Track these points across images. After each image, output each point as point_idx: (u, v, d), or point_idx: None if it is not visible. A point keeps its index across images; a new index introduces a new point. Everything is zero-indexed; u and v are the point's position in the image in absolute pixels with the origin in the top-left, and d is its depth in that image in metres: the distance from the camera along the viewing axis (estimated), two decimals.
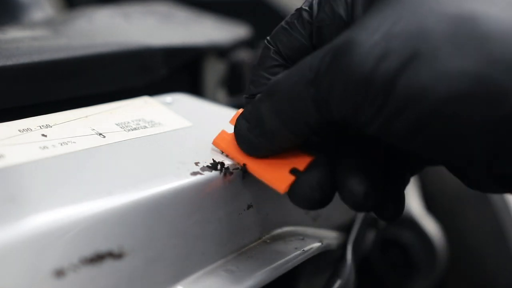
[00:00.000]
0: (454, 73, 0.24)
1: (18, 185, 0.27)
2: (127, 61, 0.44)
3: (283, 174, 0.31)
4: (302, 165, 0.31)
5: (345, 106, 0.26)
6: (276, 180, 0.31)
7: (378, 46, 0.25)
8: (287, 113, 0.29)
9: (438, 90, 0.24)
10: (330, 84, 0.27)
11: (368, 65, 0.25)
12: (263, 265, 0.32)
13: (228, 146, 0.33)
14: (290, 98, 0.28)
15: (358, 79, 0.26)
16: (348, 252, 0.39)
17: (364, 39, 0.26)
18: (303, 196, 0.30)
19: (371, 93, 0.25)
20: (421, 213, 0.61)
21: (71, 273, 0.25)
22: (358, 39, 0.26)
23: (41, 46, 0.40)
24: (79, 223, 0.26)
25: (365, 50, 0.25)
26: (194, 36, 0.52)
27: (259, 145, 0.31)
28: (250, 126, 0.31)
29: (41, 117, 0.34)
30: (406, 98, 0.25)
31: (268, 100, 0.30)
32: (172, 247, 0.29)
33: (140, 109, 0.38)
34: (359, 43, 0.26)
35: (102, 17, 0.51)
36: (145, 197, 0.28)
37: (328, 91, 0.27)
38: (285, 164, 0.31)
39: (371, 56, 0.25)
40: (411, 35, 0.25)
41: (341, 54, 0.26)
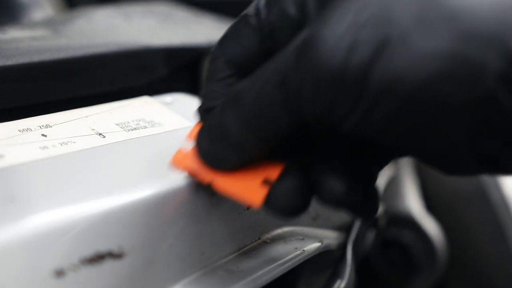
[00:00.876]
0: (427, 55, 0.23)
1: (18, 185, 0.27)
2: (127, 61, 0.44)
3: (255, 187, 0.29)
4: (273, 175, 0.29)
5: (318, 104, 0.25)
6: (249, 195, 0.29)
7: (345, 38, 0.24)
8: (255, 121, 0.27)
9: (414, 74, 0.23)
10: (300, 84, 0.25)
11: (337, 58, 0.24)
12: (263, 265, 0.32)
13: (190, 165, 0.30)
14: (257, 104, 0.27)
15: (328, 74, 0.24)
16: (348, 252, 0.39)
17: (328, 31, 0.24)
18: (281, 206, 0.29)
19: (345, 88, 0.24)
20: (421, 213, 0.61)
21: (71, 273, 0.25)
22: (322, 33, 0.25)
23: (41, 46, 0.40)
24: (79, 223, 0.26)
25: (331, 43, 0.24)
26: (194, 36, 0.52)
27: (225, 158, 0.29)
28: (214, 139, 0.29)
29: (41, 117, 0.34)
30: (383, 87, 0.24)
31: (232, 109, 0.28)
32: (172, 247, 0.29)
33: (140, 109, 0.38)
34: (323, 38, 0.24)
35: (102, 17, 0.51)
36: (145, 197, 0.28)
37: (298, 92, 0.25)
38: (256, 175, 0.29)
39: (339, 49, 0.24)
40: (378, 22, 0.24)
41: (306, 52, 0.25)
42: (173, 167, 0.31)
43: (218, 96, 0.31)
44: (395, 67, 0.24)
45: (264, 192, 0.29)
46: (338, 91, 0.25)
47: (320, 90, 0.25)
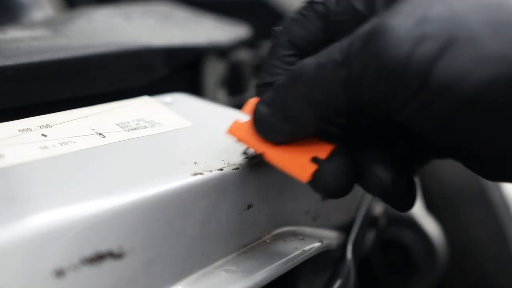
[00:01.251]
0: (494, 57, 0.24)
1: (18, 185, 0.27)
2: (127, 61, 0.44)
3: (304, 162, 0.30)
4: (323, 154, 0.30)
5: (378, 90, 0.26)
6: (298, 169, 0.30)
7: (414, 31, 0.25)
8: (315, 96, 0.28)
9: (478, 74, 0.24)
10: (363, 66, 0.26)
11: (404, 49, 0.25)
12: (263, 265, 0.32)
13: (245, 134, 0.32)
14: (319, 80, 0.28)
15: (393, 62, 0.25)
16: (348, 252, 0.39)
17: (398, 23, 0.25)
18: (328, 185, 0.30)
19: (407, 78, 0.25)
20: (421, 213, 0.61)
21: (71, 273, 0.25)
22: (392, 23, 0.25)
23: (41, 46, 0.40)
24: (79, 223, 0.26)
25: (400, 33, 0.25)
26: (194, 36, 0.52)
27: (281, 130, 0.30)
28: (272, 110, 0.30)
29: (41, 117, 0.34)
30: (445, 83, 0.24)
31: (293, 84, 0.29)
32: (172, 247, 0.29)
33: (140, 109, 0.38)
34: (393, 28, 0.25)
35: (102, 17, 0.51)
36: (145, 197, 0.28)
37: (360, 73, 0.26)
38: (306, 152, 0.30)
39: (408, 40, 0.25)
40: (447, 20, 0.25)
41: (374, 38, 0.26)
42: (229, 136, 0.32)
43: (277, 72, 0.32)
44: (460, 65, 0.24)
45: (313, 168, 0.30)
46: (399, 81, 0.25)
47: (381, 77, 0.26)
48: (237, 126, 0.32)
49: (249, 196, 0.33)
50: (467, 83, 0.24)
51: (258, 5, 0.84)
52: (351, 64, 0.26)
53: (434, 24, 0.25)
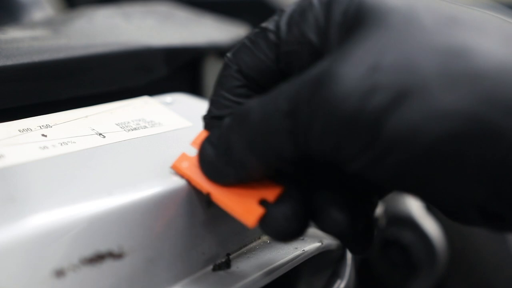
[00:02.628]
0: (447, 112, 0.22)
1: (18, 185, 0.27)
2: (127, 61, 0.44)
3: (251, 205, 0.29)
4: (271, 196, 0.29)
5: (326, 143, 0.25)
6: (244, 213, 0.29)
7: (364, 81, 0.23)
8: (260, 145, 0.27)
9: (430, 130, 0.23)
10: (310, 118, 0.25)
11: (353, 101, 0.23)
12: (263, 265, 0.32)
13: (191, 172, 0.30)
14: (264, 129, 0.26)
15: (341, 115, 0.24)
16: (348, 252, 0.39)
17: (347, 71, 0.24)
18: (276, 229, 0.28)
19: (356, 132, 0.24)
20: (421, 213, 0.61)
21: (71, 273, 0.25)
22: (341, 71, 0.24)
23: (41, 46, 0.40)
24: (79, 223, 0.26)
25: (349, 84, 0.23)
26: (194, 36, 0.52)
27: (226, 174, 0.29)
28: (217, 153, 0.29)
29: (41, 117, 0.34)
30: (396, 138, 0.23)
31: (238, 129, 0.27)
32: (172, 247, 0.29)
33: (140, 109, 0.38)
34: (342, 76, 0.24)
35: (102, 17, 0.51)
36: (145, 197, 0.28)
37: (307, 125, 0.25)
38: (253, 194, 0.29)
39: (357, 92, 0.23)
40: (400, 70, 0.23)
41: (322, 86, 0.24)
42: (174, 171, 0.31)
43: (226, 105, 0.30)
44: (411, 120, 0.23)
45: (260, 212, 0.28)
46: (349, 133, 0.24)
47: (330, 129, 0.24)
48: (183, 161, 0.31)
49: None
50: (418, 140, 0.23)
51: (258, 5, 0.84)
52: (298, 114, 0.25)
53: (386, 73, 0.23)
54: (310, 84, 0.25)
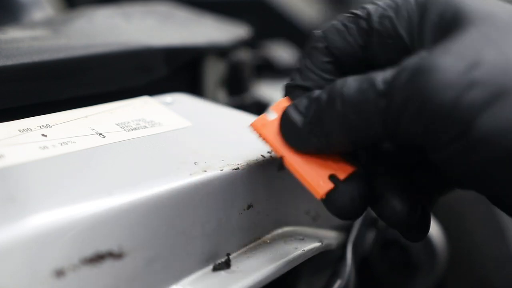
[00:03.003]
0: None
1: (18, 185, 0.27)
2: (127, 61, 0.44)
3: (322, 179, 0.30)
4: (342, 174, 0.30)
5: (415, 129, 0.25)
6: (314, 184, 0.30)
7: (465, 76, 0.24)
8: (351, 121, 0.27)
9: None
10: (404, 102, 0.25)
11: (451, 94, 0.24)
12: (263, 265, 0.32)
13: (269, 133, 0.31)
14: (357, 105, 0.27)
15: (437, 104, 0.24)
16: (348, 252, 0.39)
17: (448, 65, 0.25)
18: (341, 207, 0.29)
19: (448, 123, 0.24)
20: None
21: (71, 273, 0.25)
22: (442, 64, 0.25)
23: (41, 46, 0.40)
24: (79, 223, 0.26)
25: (450, 77, 0.24)
26: (194, 36, 0.52)
27: (309, 142, 0.29)
28: (305, 121, 0.29)
29: (41, 117, 0.34)
30: (485, 135, 0.24)
31: (331, 102, 0.28)
32: (172, 247, 0.29)
33: (140, 109, 0.38)
34: (443, 69, 0.25)
35: (102, 17, 0.51)
36: (145, 197, 0.28)
37: (401, 108, 0.26)
38: (326, 168, 0.30)
39: (457, 86, 0.24)
40: (498, 69, 0.24)
41: (421, 76, 0.25)
42: (252, 130, 0.31)
43: (311, 77, 0.31)
44: (504, 119, 0.24)
45: (329, 187, 0.29)
46: (441, 123, 0.25)
47: (422, 116, 0.25)
48: (262, 122, 0.31)
49: (249, 196, 0.33)
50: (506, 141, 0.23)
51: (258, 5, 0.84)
52: (393, 97, 0.26)
53: (485, 71, 0.24)
54: (409, 71, 0.26)
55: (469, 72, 0.24)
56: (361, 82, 0.27)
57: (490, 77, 0.24)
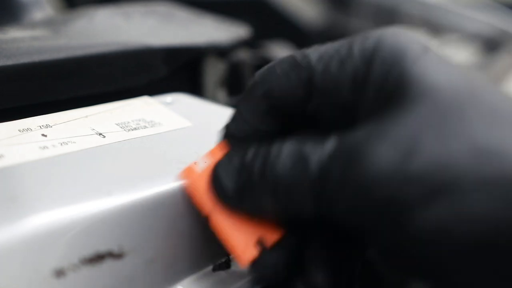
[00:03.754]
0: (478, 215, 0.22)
1: (18, 185, 0.27)
2: (127, 61, 0.44)
3: (248, 244, 0.28)
4: (270, 239, 0.28)
5: (351, 220, 0.24)
6: (240, 250, 0.28)
7: (399, 170, 0.23)
8: (282, 197, 0.26)
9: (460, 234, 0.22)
10: (338, 193, 0.24)
11: (384, 190, 0.23)
12: None
13: (198, 184, 0.29)
14: (290, 185, 0.26)
15: (370, 200, 0.23)
16: None
17: (384, 155, 0.23)
18: (263, 275, 0.28)
19: (384, 219, 0.23)
20: None
21: (71, 273, 0.25)
22: (378, 153, 0.23)
23: (41, 46, 0.40)
24: (79, 223, 0.26)
25: (384, 171, 0.23)
26: (194, 36, 0.52)
27: (238, 206, 0.28)
28: (236, 187, 0.28)
29: (41, 117, 0.34)
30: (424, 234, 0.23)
31: (264, 175, 0.27)
32: (172, 247, 0.29)
33: (140, 109, 0.38)
34: (378, 159, 0.23)
35: (102, 17, 0.51)
36: (145, 197, 0.28)
37: (334, 198, 0.24)
38: (254, 231, 0.28)
39: (390, 181, 0.23)
40: (436, 163, 0.23)
41: (356, 165, 0.24)
42: (181, 180, 0.30)
43: (246, 127, 0.29)
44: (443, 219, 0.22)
45: (255, 253, 0.28)
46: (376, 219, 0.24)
47: (356, 209, 0.24)
48: (192, 173, 0.30)
49: None
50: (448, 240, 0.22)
51: (258, 5, 0.84)
52: (327, 186, 0.25)
53: (422, 165, 0.23)
54: (344, 157, 0.24)
55: (404, 165, 0.23)
56: (294, 161, 0.26)
57: (427, 172, 0.23)
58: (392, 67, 0.26)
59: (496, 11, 1.06)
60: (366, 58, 0.26)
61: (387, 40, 0.26)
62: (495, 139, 0.23)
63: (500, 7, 1.13)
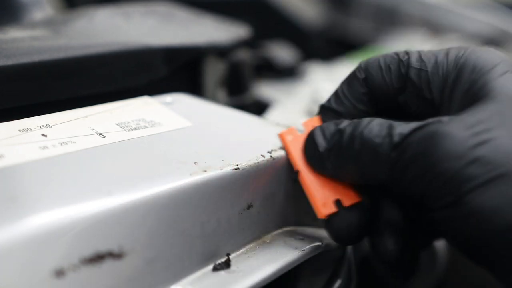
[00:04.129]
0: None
1: (18, 185, 0.27)
2: (127, 61, 0.44)
3: (328, 200, 0.33)
4: (347, 201, 0.32)
5: (416, 186, 0.28)
6: (320, 203, 0.33)
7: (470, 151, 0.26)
8: (363, 161, 0.30)
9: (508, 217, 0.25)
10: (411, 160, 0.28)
11: (452, 165, 0.27)
12: (263, 265, 0.32)
13: (293, 146, 0.34)
14: (372, 150, 0.30)
15: (437, 173, 0.27)
16: (348, 252, 0.39)
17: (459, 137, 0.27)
18: (339, 231, 0.32)
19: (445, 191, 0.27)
20: None
21: (71, 273, 0.25)
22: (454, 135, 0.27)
23: (41, 46, 0.40)
24: (79, 223, 0.26)
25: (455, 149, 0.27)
26: (194, 36, 0.52)
27: (325, 166, 0.32)
28: (327, 148, 0.32)
29: (41, 117, 0.34)
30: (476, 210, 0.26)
31: (352, 139, 0.31)
32: (172, 247, 0.29)
33: (140, 109, 0.38)
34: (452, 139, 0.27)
35: (102, 17, 0.51)
36: (145, 197, 0.28)
37: (407, 165, 0.28)
38: (334, 192, 0.33)
39: (459, 159, 0.26)
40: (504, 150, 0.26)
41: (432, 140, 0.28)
42: (279, 138, 0.35)
43: (344, 103, 0.35)
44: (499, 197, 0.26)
45: (332, 210, 0.32)
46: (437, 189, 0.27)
47: (423, 177, 0.28)
48: (290, 134, 0.35)
49: (249, 196, 0.33)
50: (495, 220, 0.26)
51: (258, 5, 0.84)
52: (403, 153, 0.28)
53: (491, 149, 0.26)
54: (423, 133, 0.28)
55: (476, 148, 0.26)
56: (381, 129, 0.30)
57: (494, 156, 0.26)
58: (479, 76, 0.30)
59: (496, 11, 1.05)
60: (458, 65, 0.32)
61: (477, 54, 0.32)
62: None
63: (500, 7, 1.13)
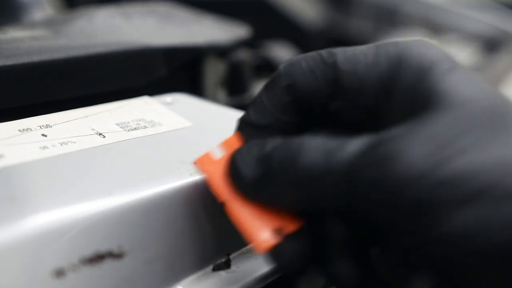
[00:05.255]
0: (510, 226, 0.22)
1: (18, 185, 0.27)
2: (127, 61, 0.44)
3: (265, 232, 0.27)
4: (289, 229, 0.27)
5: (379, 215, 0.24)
6: (256, 237, 0.27)
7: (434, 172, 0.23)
8: (305, 191, 0.26)
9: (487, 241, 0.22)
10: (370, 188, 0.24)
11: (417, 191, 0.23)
12: (263, 265, 0.32)
13: (214, 173, 0.29)
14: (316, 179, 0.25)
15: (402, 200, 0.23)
16: None
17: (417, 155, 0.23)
18: (282, 262, 0.27)
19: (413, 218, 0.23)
20: None
21: (71, 273, 0.25)
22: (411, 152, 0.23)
23: (41, 46, 0.40)
24: (79, 223, 0.26)
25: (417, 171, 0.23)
26: (194, 36, 0.52)
27: (256, 196, 0.27)
28: (253, 177, 0.27)
29: (41, 117, 0.34)
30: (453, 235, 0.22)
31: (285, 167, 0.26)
32: (172, 247, 0.29)
33: (140, 109, 0.38)
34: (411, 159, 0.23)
35: (102, 17, 0.51)
36: (145, 197, 0.28)
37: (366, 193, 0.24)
38: (271, 220, 0.27)
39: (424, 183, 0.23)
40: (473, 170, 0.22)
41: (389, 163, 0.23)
42: (196, 168, 0.30)
43: (265, 116, 0.29)
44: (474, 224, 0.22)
45: (273, 242, 0.27)
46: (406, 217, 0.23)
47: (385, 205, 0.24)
48: (208, 160, 0.29)
49: None
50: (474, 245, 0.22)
51: (258, 5, 0.84)
52: (355, 181, 0.24)
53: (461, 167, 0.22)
54: (377, 154, 0.24)
55: (441, 165, 0.23)
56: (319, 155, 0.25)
57: (462, 176, 0.22)
58: (421, 78, 0.26)
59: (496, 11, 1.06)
60: (392, 66, 0.27)
61: (413, 51, 0.27)
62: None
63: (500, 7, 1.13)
